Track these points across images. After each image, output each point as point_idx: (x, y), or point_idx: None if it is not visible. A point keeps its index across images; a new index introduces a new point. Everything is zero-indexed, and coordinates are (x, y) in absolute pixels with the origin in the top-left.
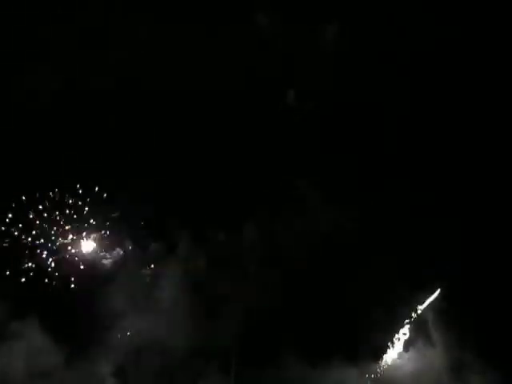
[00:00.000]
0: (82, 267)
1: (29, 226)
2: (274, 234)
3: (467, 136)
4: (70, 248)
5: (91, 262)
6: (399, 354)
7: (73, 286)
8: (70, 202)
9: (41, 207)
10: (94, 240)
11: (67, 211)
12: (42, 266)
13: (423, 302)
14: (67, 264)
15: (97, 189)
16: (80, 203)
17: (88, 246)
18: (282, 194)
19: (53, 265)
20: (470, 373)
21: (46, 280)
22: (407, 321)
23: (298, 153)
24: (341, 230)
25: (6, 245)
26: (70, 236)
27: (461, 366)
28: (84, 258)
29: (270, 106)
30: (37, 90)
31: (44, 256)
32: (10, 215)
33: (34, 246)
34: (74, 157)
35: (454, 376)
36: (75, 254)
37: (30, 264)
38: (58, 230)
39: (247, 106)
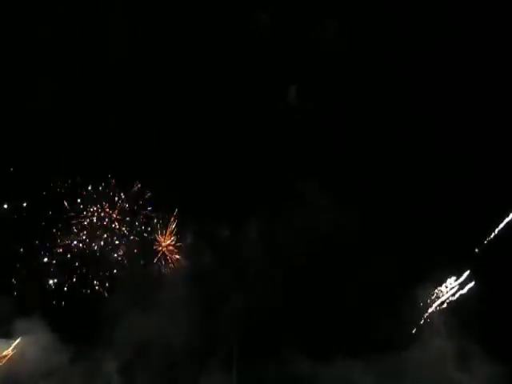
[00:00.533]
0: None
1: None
2: (274, 234)
3: (467, 136)
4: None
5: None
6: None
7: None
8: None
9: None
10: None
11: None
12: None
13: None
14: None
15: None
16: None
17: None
18: (282, 194)
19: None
20: (475, 365)
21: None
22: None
23: (298, 152)
24: (341, 229)
25: None
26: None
27: (466, 357)
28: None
29: (270, 105)
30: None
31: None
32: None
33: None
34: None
35: (459, 368)
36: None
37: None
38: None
39: (248, 105)
